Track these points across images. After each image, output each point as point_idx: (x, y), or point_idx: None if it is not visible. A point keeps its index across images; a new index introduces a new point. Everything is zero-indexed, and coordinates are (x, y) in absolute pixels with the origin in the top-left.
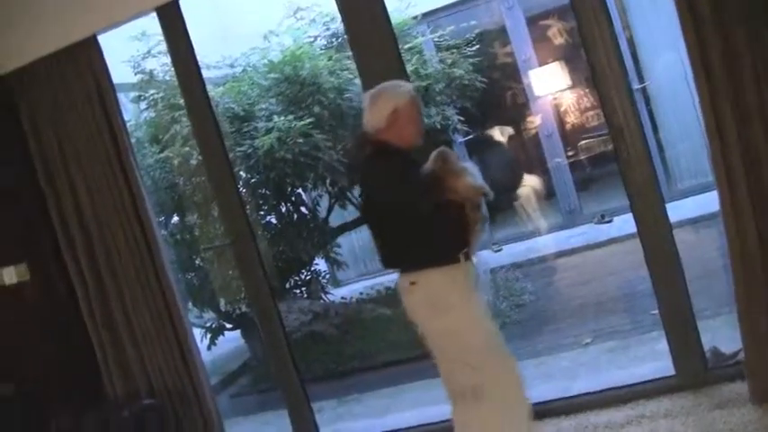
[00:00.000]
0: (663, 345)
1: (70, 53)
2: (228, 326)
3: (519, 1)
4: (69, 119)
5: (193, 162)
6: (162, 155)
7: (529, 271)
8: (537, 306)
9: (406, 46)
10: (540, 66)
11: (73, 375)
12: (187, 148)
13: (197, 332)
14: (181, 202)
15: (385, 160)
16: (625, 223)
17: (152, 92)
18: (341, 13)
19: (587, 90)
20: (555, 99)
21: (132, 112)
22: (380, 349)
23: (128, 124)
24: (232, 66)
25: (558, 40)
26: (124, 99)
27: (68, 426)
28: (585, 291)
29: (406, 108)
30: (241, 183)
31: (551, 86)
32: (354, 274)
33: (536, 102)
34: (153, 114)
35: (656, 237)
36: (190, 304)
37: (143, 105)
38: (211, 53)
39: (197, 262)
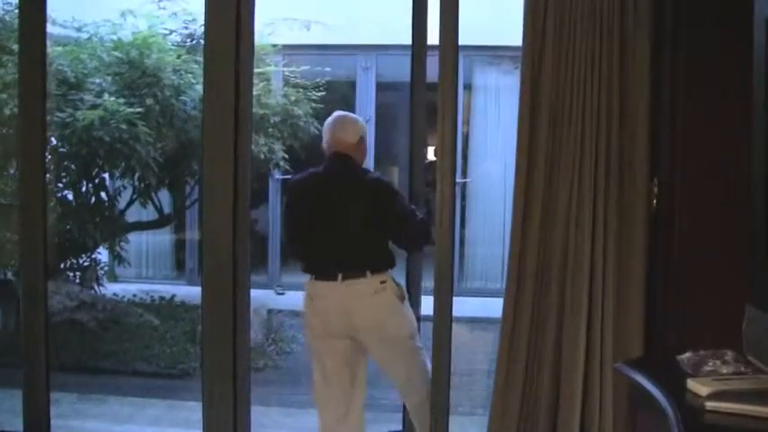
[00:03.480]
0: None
1: None
2: None
3: (378, 66)
4: None
5: (6, 112)
6: None
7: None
8: (301, 358)
9: (257, 70)
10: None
11: None
12: (5, 96)
13: None
14: None
15: (381, 177)
16: None
17: None
18: (206, 16)
19: None
20: None
21: None
22: (137, 357)
23: None
24: (79, 30)
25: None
26: None
27: None
28: None
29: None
30: (49, 149)
31: None
32: (134, 275)
33: None
34: None
35: (437, 324)
36: None
37: None
38: (62, 10)
39: None
